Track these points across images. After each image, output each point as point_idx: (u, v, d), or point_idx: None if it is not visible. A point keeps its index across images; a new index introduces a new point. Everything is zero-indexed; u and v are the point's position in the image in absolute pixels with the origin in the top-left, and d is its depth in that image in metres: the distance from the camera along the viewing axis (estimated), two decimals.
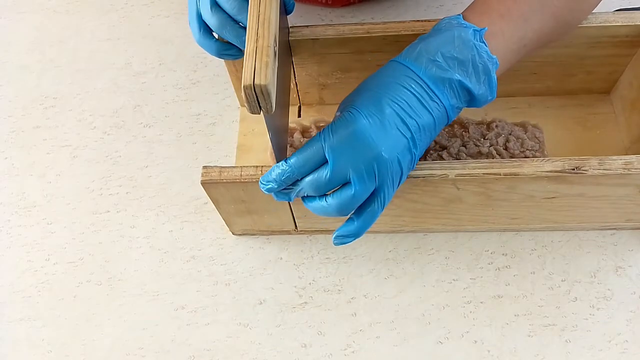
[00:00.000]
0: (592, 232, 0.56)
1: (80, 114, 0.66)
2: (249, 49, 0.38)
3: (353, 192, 0.41)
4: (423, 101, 0.42)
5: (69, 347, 0.54)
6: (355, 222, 0.43)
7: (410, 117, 0.42)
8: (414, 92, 0.42)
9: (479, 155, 0.56)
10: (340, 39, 0.53)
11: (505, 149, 0.56)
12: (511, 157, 0.56)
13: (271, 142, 0.44)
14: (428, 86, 0.42)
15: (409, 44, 0.47)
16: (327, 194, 0.43)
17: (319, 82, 0.59)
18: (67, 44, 0.71)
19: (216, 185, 0.48)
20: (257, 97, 0.38)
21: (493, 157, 0.56)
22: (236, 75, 0.59)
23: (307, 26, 0.53)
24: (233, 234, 0.58)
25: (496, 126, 0.58)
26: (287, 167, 0.42)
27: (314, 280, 0.55)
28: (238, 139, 0.62)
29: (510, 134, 0.57)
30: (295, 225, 0.55)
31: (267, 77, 0.37)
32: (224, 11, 0.45)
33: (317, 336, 0.53)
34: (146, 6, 0.73)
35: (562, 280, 0.54)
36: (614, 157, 0.45)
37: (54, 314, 0.56)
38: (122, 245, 0.58)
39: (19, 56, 0.71)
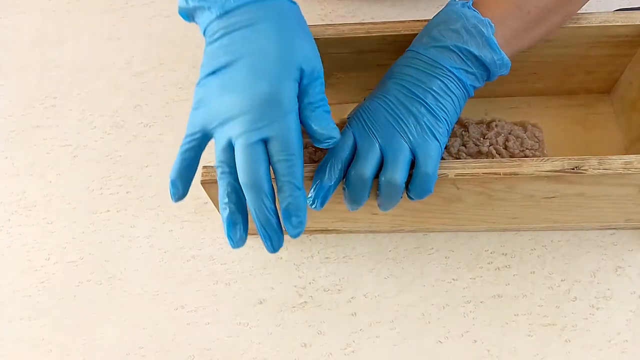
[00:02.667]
0: (592, 232, 0.56)
1: (80, 114, 0.66)
2: None
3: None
4: (428, 71, 0.45)
5: (69, 347, 0.54)
6: (410, 190, 0.45)
7: (417, 85, 0.44)
8: (418, 66, 0.45)
9: (478, 154, 0.56)
10: (340, 39, 0.53)
11: (505, 148, 0.56)
12: (511, 156, 0.56)
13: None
14: (429, 58, 0.45)
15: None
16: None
17: None
18: (67, 44, 0.71)
19: (216, 185, 0.48)
20: None
21: (493, 157, 0.56)
22: None
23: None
24: None
25: (496, 125, 0.58)
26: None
27: (314, 280, 0.55)
28: None
29: (510, 134, 0.57)
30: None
31: None
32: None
33: (317, 336, 0.53)
34: (146, 6, 0.73)
35: (562, 280, 0.54)
36: (614, 157, 0.45)
37: (54, 314, 0.56)
38: (122, 245, 0.58)
39: (19, 56, 0.71)
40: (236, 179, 0.40)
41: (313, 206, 0.44)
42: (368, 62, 0.55)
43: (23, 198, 0.62)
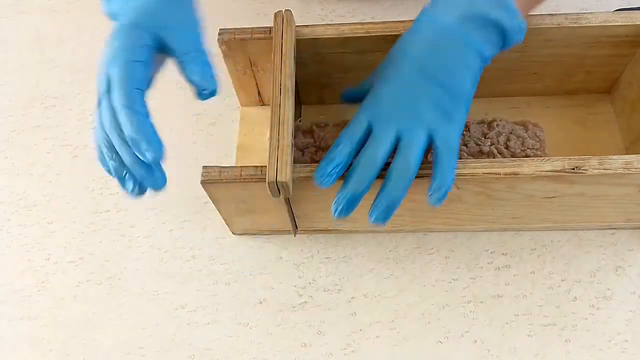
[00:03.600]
0: (592, 232, 0.56)
1: (80, 114, 0.66)
2: (272, 145, 0.45)
3: (415, 142, 0.42)
4: (442, 44, 0.44)
5: (69, 347, 0.54)
6: (438, 172, 0.42)
7: (433, 62, 0.43)
8: (432, 39, 0.44)
9: (480, 154, 0.56)
10: (340, 39, 0.53)
11: (506, 147, 0.56)
12: (512, 156, 0.56)
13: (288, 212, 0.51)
14: (443, 26, 0.44)
15: None
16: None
17: (319, 82, 0.59)
18: (67, 44, 0.71)
19: (216, 185, 0.48)
20: (278, 188, 0.45)
21: (494, 156, 0.56)
22: (236, 75, 0.59)
23: (307, 26, 0.53)
24: (233, 233, 0.58)
25: (497, 125, 0.58)
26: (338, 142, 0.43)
27: (314, 280, 0.55)
28: (238, 139, 0.62)
29: (511, 133, 0.57)
30: (295, 225, 0.55)
31: (287, 175, 0.44)
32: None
33: (317, 336, 0.53)
34: None
35: (562, 280, 0.54)
36: (614, 157, 0.45)
37: (54, 314, 0.56)
38: (122, 245, 0.58)
39: (19, 56, 0.71)
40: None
41: (322, 185, 0.43)
42: (368, 62, 0.55)
43: (23, 198, 0.62)
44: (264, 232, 0.57)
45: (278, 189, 0.45)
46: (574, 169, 0.45)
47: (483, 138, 0.57)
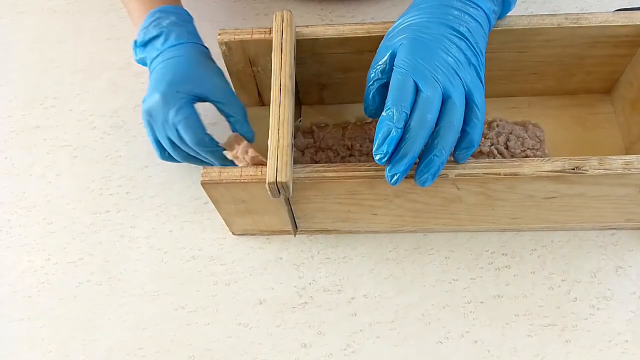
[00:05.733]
0: (592, 232, 0.56)
1: (80, 114, 0.66)
2: (272, 145, 0.45)
3: (459, 97, 0.43)
4: (464, 10, 0.45)
5: (69, 347, 0.54)
6: (470, 131, 0.44)
7: (458, 23, 0.45)
8: (456, 6, 0.45)
9: (480, 154, 0.56)
10: (340, 39, 0.53)
11: (506, 148, 0.56)
12: (512, 156, 0.56)
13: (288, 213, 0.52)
14: None
15: None
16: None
17: (319, 82, 0.59)
18: (67, 44, 0.71)
19: (216, 186, 0.48)
20: (278, 189, 0.45)
21: (494, 156, 0.56)
22: (236, 76, 0.59)
23: (307, 26, 0.53)
24: (233, 234, 0.58)
25: (497, 125, 0.58)
26: (388, 111, 0.42)
27: (314, 280, 0.55)
28: None
29: (511, 133, 0.57)
30: (296, 225, 0.55)
31: (287, 175, 0.44)
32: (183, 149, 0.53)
33: (317, 336, 0.53)
34: None
35: (562, 280, 0.54)
36: (614, 157, 0.45)
37: (54, 314, 0.56)
38: (122, 245, 0.58)
39: (19, 56, 0.71)
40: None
41: (384, 160, 0.42)
42: (368, 62, 0.55)
43: (23, 198, 0.62)
44: (264, 232, 0.57)
45: (278, 190, 0.45)
46: (574, 169, 0.45)
47: (483, 138, 0.57)
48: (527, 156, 0.56)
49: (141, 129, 0.65)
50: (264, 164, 0.49)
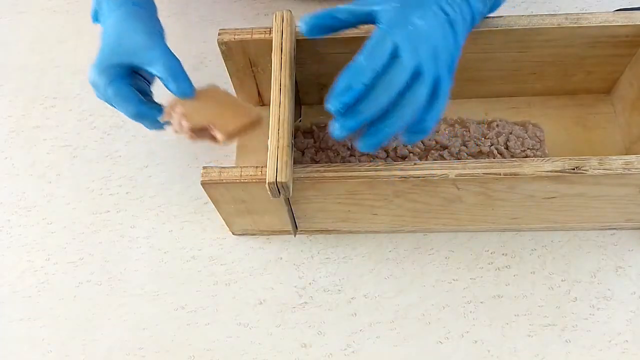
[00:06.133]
0: (592, 232, 0.56)
1: (80, 114, 0.66)
2: (272, 145, 0.45)
3: (428, 80, 0.41)
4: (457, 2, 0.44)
5: (69, 347, 0.54)
6: (428, 117, 0.42)
7: (452, 10, 0.44)
8: None
9: (480, 154, 0.56)
10: (340, 39, 0.53)
11: (506, 148, 0.56)
12: (512, 156, 0.56)
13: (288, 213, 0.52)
14: None
15: None
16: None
17: (319, 82, 0.59)
18: (67, 44, 0.71)
19: (216, 186, 0.48)
20: (278, 189, 0.45)
21: (494, 156, 0.56)
22: (236, 75, 0.59)
23: None
24: (233, 234, 0.58)
25: (497, 125, 0.58)
26: (355, 64, 0.40)
27: (314, 280, 0.55)
28: (238, 139, 0.62)
29: (511, 133, 0.57)
30: (295, 225, 0.55)
31: (287, 175, 0.44)
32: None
33: (317, 336, 0.53)
34: None
35: (562, 280, 0.54)
36: (614, 157, 0.45)
37: (54, 314, 0.56)
38: (122, 245, 0.58)
39: (19, 56, 0.71)
40: None
41: (340, 110, 0.41)
42: None
43: (23, 198, 0.62)
44: (264, 232, 0.57)
45: (278, 190, 0.45)
46: (574, 169, 0.45)
47: (483, 138, 0.57)
48: (527, 156, 0.56)
49: (141, 129, 0.64)
50: (206, 130, 0.47)
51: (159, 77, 0.48)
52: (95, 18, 0.53)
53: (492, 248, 0.56)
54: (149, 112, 0.49)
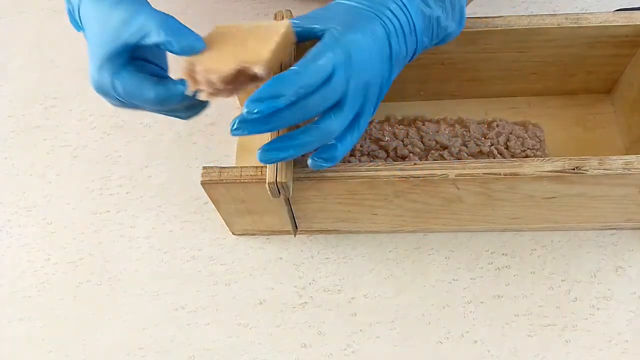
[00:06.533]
0: (592, 232, 0.56)
1: (80, 114, 0.66)
2: None
3: (350, 114, 0.40)
4: (406, 33, 0.43)
5: (69, 347, 0.54)
6: (339, 146, 0.41)
7: (397, 44, 0.42)
8: (401, 22, 0.42)
9: (480, 154, 0.56)
10: None
11: (507, 148, 0.56)
12: (512, 156, 0.56)
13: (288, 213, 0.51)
14: (412, 19, 0.43)
15: None
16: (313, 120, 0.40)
17: None
18: (67, 44, 0.71)
19: (216, 186, 0.48)
20: (278, 189, 0.45)
21: (494, 157, 0.56)
22: None
23: None
24: (233, 234, 0.58)
25: (497, 125, 0.58)
26: (295, 76, 0.37)
27: (314, 280, 0.55)
28: (238, 139, 0.62)
29: (511, 133, 0.57)
30: (295, 225, 0.55)
31: (287, 175, 0.44)
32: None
33: (317, 336, 0.53)
34: None
35: (562, 280, 0.54)
36: (614, 157, 0.45)
37: (54, 314, 0.56)
38: (122, 245, 0.58)
39: (19, 56, 0.71)
40: None
41: (253, 115, 0.37)
42: None
43: (23, 198, 0.62)
44: (264, 232, 0.57)
45: (278, 190, 0.45)
46: (574, 169, 0.45)
47: (483, 138, 0.57)
48: (527, 156, 0.56)
49: (141, 129, 0.65)
50: (242, 74, 0.39)
51: (159, 45, 0.39)
52: (73, 19, 0.45)
53: (492, 248, 0.56)
54: (172, 89, 0.41)
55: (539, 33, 0.52)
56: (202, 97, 0.40)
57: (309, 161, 0.43)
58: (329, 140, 0.41)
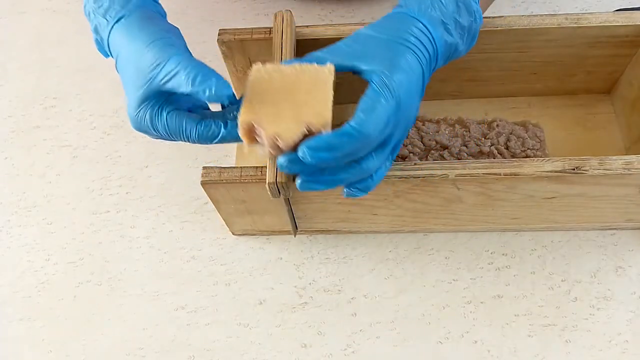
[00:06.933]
0: (592, 232, 0.56)
1: (80, 114, 0.66)
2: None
3: (389, 150, 0.42)
4: (432, 62, 0.44)
5: (69, 347, 0.54)
6: (374, 177, 0.42)
7: (429, 73, 0.43)
8: (430, 53, 0.43)
9: (480, 154, 0.56)
10: (340, 39, 0.53)
11: (507, 148, 0.56)
12: (512, 156, 0.56)
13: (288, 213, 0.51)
14: (437, 49, 0.44)
15: None
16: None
17: None
18: (67, 44, 0.71)
19: (216, 186, 0.48)
20: (278, 189, 0.44)
21: (494, 157, 0.56)
22: (236, 75, 0.58)
23: (307, 26, 0.53)
24: (233, 234, 0.58)
25: (497, 125, 0.58)
26: (356, 134, 0.38)
27: (314, 280, 0.55)
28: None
29: (511, 134, 0.57)
30: (295, 226, 0.55)
31: (287, 175, 0.44)
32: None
33: (317, 336, 0.53)
34: None
35: (562, 280, 0.54)
36: (614, 157, 0.45)
37: (54, 314, 0.56)
38: (122, 245, 0.58)
39: (19, 56, 0.71)
40: None
41: (300, 168, 0.39)
42: None
43: (23, 198, 0.62)
44: (264, 232, 0.57)
45: (278, 190, 0.45)
46: (574, 169, 0.45)
47: (483, 138, 0.57)
48: (527, 156, 0.56)
49: None
50: (305, 136, 0.39)
51: (187, 94, 0.40)
52: (101, 48, 0.46)
53: (492, 248, 0.56)
54: (214, 130, 0.41)
55: (539, 33, 0.52)
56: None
57: (345, 190, 0.43)
58: (367, 175, 0.42)
